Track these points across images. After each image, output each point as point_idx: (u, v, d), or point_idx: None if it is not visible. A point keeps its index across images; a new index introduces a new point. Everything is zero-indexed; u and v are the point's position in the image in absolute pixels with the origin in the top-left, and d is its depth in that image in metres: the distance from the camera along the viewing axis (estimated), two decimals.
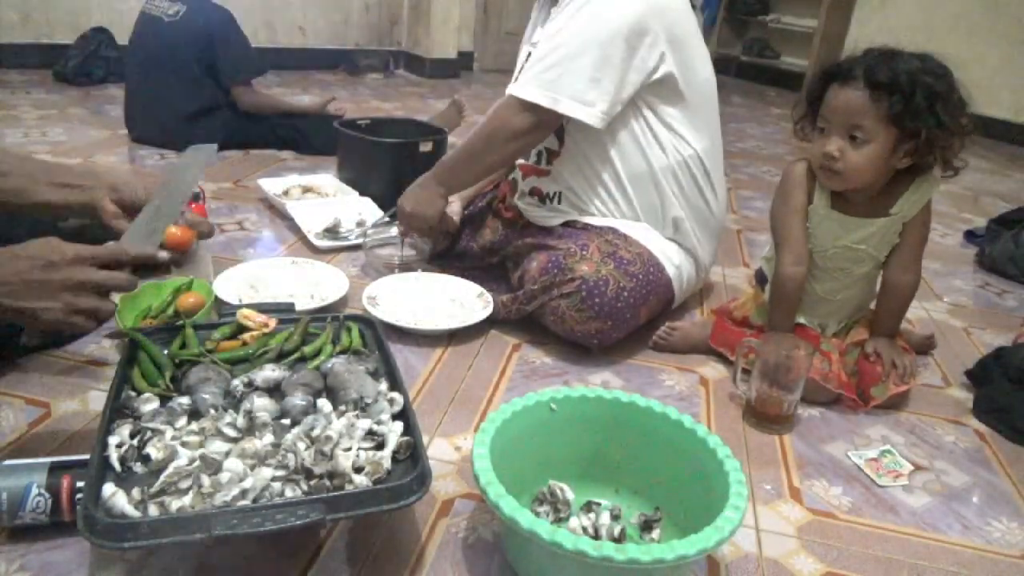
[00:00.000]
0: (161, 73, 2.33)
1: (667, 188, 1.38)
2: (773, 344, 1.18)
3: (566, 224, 1.44)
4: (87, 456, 0.76)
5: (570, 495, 0.90)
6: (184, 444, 0.80)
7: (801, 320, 1.32)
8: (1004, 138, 3.88)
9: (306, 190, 2.00)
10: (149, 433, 0.81)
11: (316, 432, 0.82)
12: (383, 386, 0.94)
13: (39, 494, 0.79)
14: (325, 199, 1.95)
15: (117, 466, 0.77)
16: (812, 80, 1.22)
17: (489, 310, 1.39)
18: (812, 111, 1.22)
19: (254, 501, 0.73)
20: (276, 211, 1.90)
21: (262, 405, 0.87)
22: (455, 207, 1.57)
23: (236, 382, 0.91)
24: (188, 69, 2.32)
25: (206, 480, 0.75)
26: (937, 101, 1.11)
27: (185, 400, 0.88)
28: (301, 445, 0.80)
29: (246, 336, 1.02)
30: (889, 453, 1.14)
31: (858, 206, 1.24)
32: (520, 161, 1.50)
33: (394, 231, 1.72)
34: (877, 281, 1.32)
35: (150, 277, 1.33)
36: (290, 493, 0.76)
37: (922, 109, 1.11)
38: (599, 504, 0.91)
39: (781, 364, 1.15)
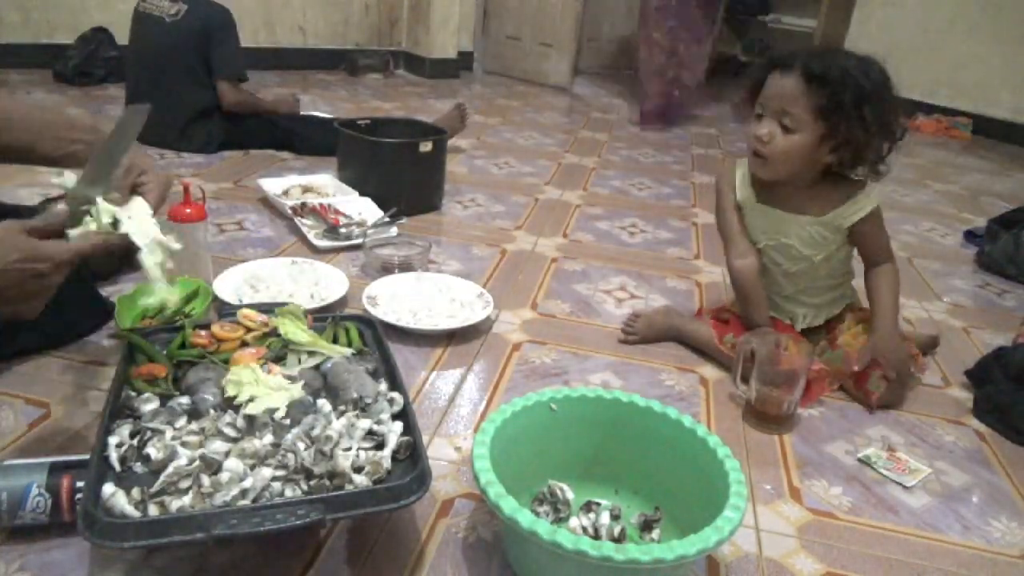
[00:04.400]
0: (164, 74, 2.32)
1: None
2: (758, 340, 1.21)
3: None
4: (87, 456, 0.77)
5: (570, 495, 0.90)
6: (184, 444, 0.80)
7: (775, 314, 1.36)
8: (1004, 138, 3.88)
9: (306, 190, 2.00)
10: (149, 433, 0.81)
11: (316, 432, 0.82)
12: (383, 386, 0.94)
13: (39, 494, 0.79)
14: (325, 199, 1.94)
15: (117, 466, 0.78)
16: (757, 66, 1.25)
17: (489, 310, 1.39)
18: (752, 96, 1.24)
19: (254, 501, 0.74)
20: (276, 211, 1.90)
21: None
22: None
23: None
24: (192, 69, 2.32)
25: (206, 480, 0.75)
26: (866, 102, 1.13)
27: (185, 400, 0.88)
28: (301, 445, 0.80)
29: (247, 336, 1.02)
30: (877, 456, 1.13)
31: (783, 201, 1.28)
32: None
33: (394, 231, 1.72)
34: (839, 280, 1.35)
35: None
36: (290, 493, 0.76)
37: (848, 107, 1.13)
38: (599, 504, 0.91)
39: (772, 356, 1.16)
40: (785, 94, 1.17)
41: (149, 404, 0.87)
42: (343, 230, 1.74)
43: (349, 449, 0.81)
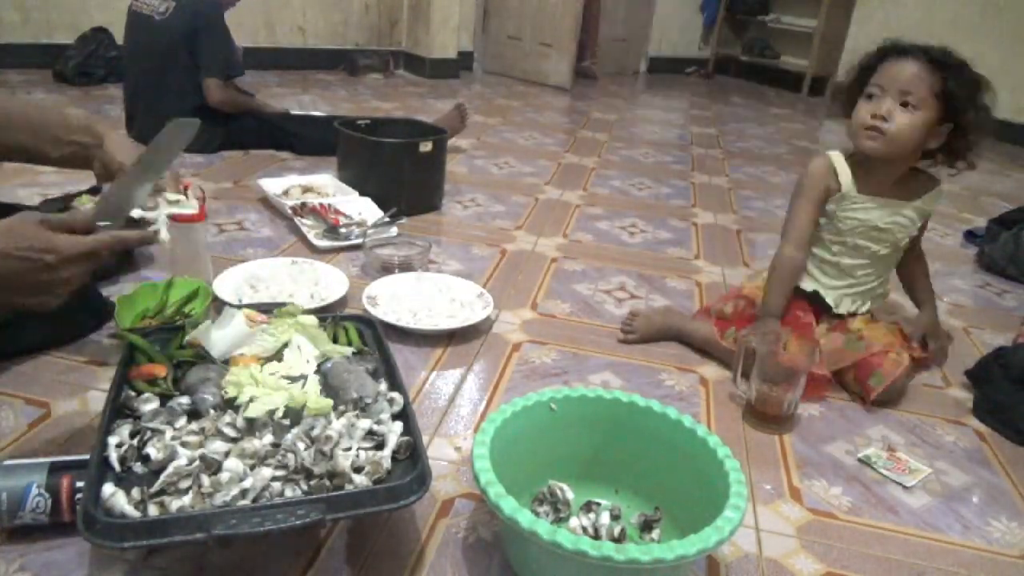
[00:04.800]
0: (157, 72, 2.31)
1: None
2: (759, 330, 1.23)
3: None
4: (87, 456, 0.77)
5: (570, 495, 0.90)
6: (184, 444, 0.80)
7: (820, 291, 1.38)
8: (1004, 138, 3.88)
9: (306, 190, 2.00)
10: (149, 433, 0.81)
11: (316, 432, 0.82)
12: (383, 386, 0.94)
13: (39, 494, 0.79)
14: (325, 199, 1.94)
15: (117, 466, 0.77)
16: (867, 55, 1.29)
17: (489, 310, 1.39)
18: (861, 81, 1.28)
19: (254, 501, 0.74)
20: (276, 211, 1.90)
21: None
22: None
23: None
24: (184, 67, 2.30)
25: (206, 480, 0.75)
26: (978, 92, 1.21)
27: (185, 400, 0.88)
28: (301, 445, 0.80)
29: None
30: (877, 456, 1.13)
31: (882, 189, 1.32)
32: None
33: (394, 231, 1.71)
34: (890, 271, 1.42)
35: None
36: (290, 493, 0.76)
37: (966, 94, 1.20)
38: (599, 504, 0.91)
39: (772, 352, 1.16)
40: (906, 74, 1.21)
41: (149, 404, 0.87)
42: (343, 230, 1.74)
43: (349, 449, 0.81)
